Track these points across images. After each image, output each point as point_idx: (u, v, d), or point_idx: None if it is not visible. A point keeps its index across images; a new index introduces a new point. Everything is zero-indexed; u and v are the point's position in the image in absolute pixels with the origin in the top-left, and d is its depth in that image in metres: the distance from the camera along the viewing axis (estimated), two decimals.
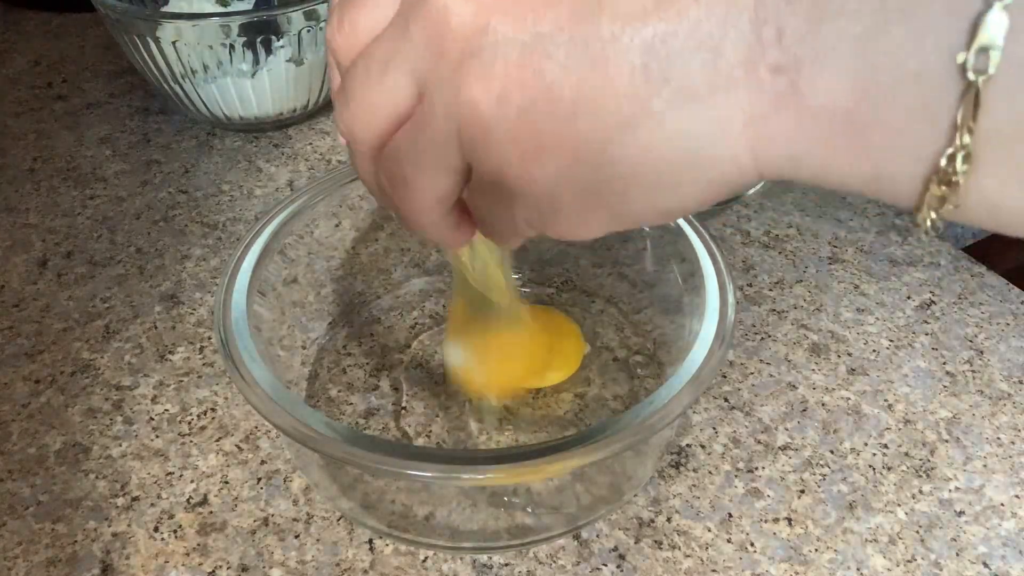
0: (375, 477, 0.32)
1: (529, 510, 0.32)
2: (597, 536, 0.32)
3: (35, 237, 0.47)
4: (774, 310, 0.42)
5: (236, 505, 0.33)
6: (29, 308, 0.42)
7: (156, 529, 0.32)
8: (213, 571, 0.31)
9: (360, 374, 0.38)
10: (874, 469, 0.35)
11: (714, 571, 0.31)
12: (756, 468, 0.35)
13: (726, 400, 0.37)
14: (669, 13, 0.18)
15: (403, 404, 0.37)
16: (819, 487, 0.34)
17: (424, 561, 0.31)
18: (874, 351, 0.40)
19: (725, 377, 0.38)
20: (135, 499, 0.33)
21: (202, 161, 0.53)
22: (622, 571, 0.31)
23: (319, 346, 0.39)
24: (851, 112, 0.17)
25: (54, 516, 0.33)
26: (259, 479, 0.34)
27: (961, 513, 0.33)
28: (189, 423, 0.36)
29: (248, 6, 0.56)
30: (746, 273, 0.44)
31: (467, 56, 0.19)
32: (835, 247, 0.46)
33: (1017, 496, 0.34)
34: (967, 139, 0.16)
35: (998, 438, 0.36)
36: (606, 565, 0.31)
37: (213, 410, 0.37)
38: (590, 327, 0.41)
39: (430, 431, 0.36)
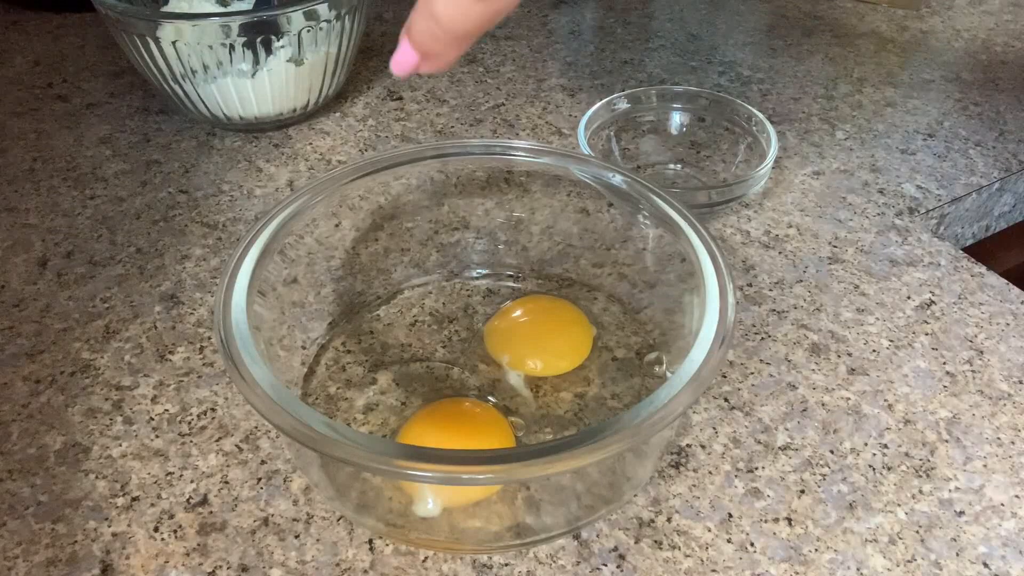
0: (375, 477, 0.32)
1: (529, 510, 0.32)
2: (597, 536, 0.32)
3: (35, 237, 0.47)
4: (774, 310, 0.42)
5: (236, 505, 0.33)
6: (29, 308, 0.42)
7: (156, 529, 0.32)
8: (213, 571, 0.31)
9: (359, 371, 0.38)
10: (874, 469, 0.35)
11: (714, 571, 0.31)
12: (756, 468, 0.35)
13: (726, 400, 0.37)
14: None
15: (403, 401, 0.37)
16: (819, 487, 0.34)
17: (424, 561, 0.31)
18: (874, 351, 0.40)
19: (725, 377, 0.38)
20: (135, 499, 0.33)
21: (202, 161, 0.53)
22: (622, 571, 0.31)
23: (319, 346, 0.39)
24: None
25: (54, 516, 0.33)
26: (259, 479, 0.34)
27: (961, 513, 0.33)
28: (189, 423, 0.36)
29: (248, 6, 0.56)
30: (746, 273, 0.44)
31: None
32: (835, 247, 0.46)
33: (1017, 496, 0.34)
34: None
35: (998, 438, 0.36)
36: (606, 565, 0.31)
37: (213, 410, 0.37)
38: None
39: None
